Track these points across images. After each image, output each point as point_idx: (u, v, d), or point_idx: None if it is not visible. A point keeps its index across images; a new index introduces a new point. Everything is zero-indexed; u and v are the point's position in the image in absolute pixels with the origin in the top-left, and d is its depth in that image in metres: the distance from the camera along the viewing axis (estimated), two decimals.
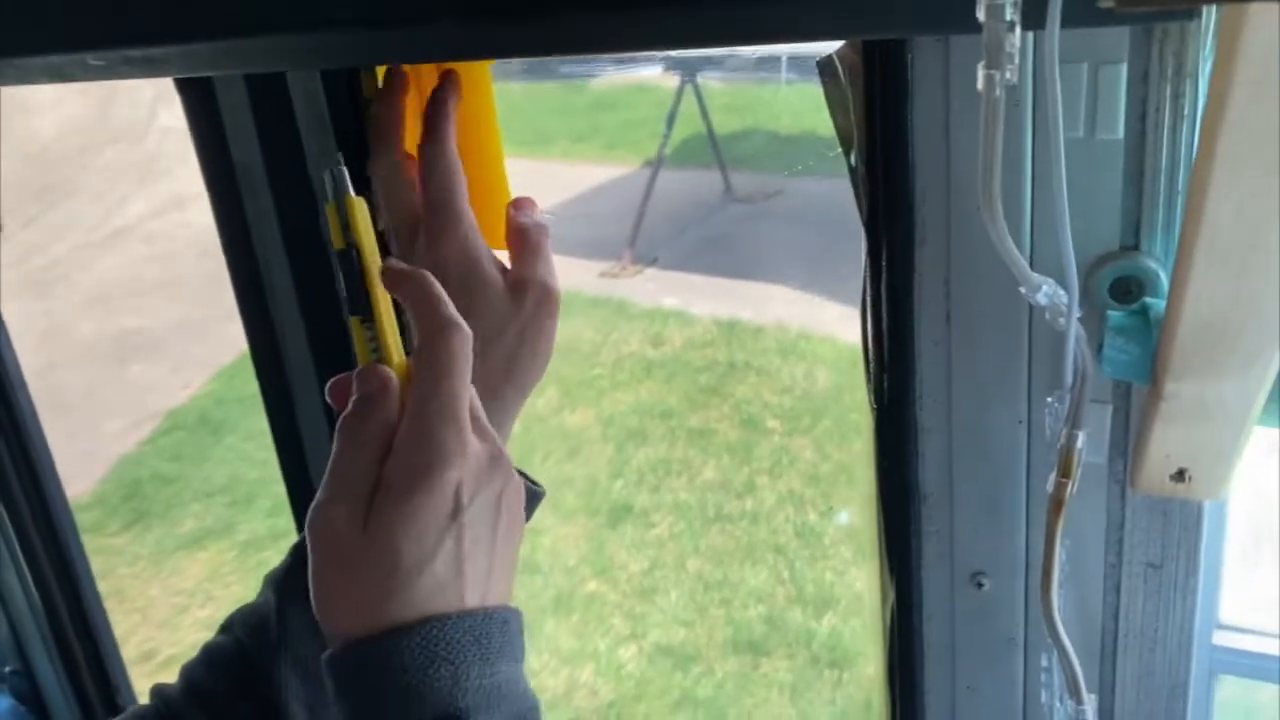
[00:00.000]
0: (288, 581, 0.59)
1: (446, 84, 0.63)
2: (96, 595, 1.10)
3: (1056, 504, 0.59)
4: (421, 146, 0.62)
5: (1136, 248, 0.56)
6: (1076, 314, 0.53)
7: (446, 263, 0.61)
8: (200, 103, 0.66)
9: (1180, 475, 0.55)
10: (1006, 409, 0.62)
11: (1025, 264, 0.51)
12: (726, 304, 4.25)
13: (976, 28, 0.39)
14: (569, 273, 4.61)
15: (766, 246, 4.70)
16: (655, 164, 4.77)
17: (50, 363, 4.36)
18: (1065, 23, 0.38)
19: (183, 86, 0.66)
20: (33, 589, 1.05)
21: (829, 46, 0.57)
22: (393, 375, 0.50)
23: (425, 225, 0.62)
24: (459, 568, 0.49)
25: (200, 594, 3.25)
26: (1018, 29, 0.39)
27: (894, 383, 0.63)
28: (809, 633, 2.68)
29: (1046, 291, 0.53)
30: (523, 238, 0.64)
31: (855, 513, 3.07)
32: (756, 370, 3.82)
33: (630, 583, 2.93)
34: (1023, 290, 0.52)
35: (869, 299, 0.62)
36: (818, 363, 3.77)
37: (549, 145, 5.91)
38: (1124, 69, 0.52)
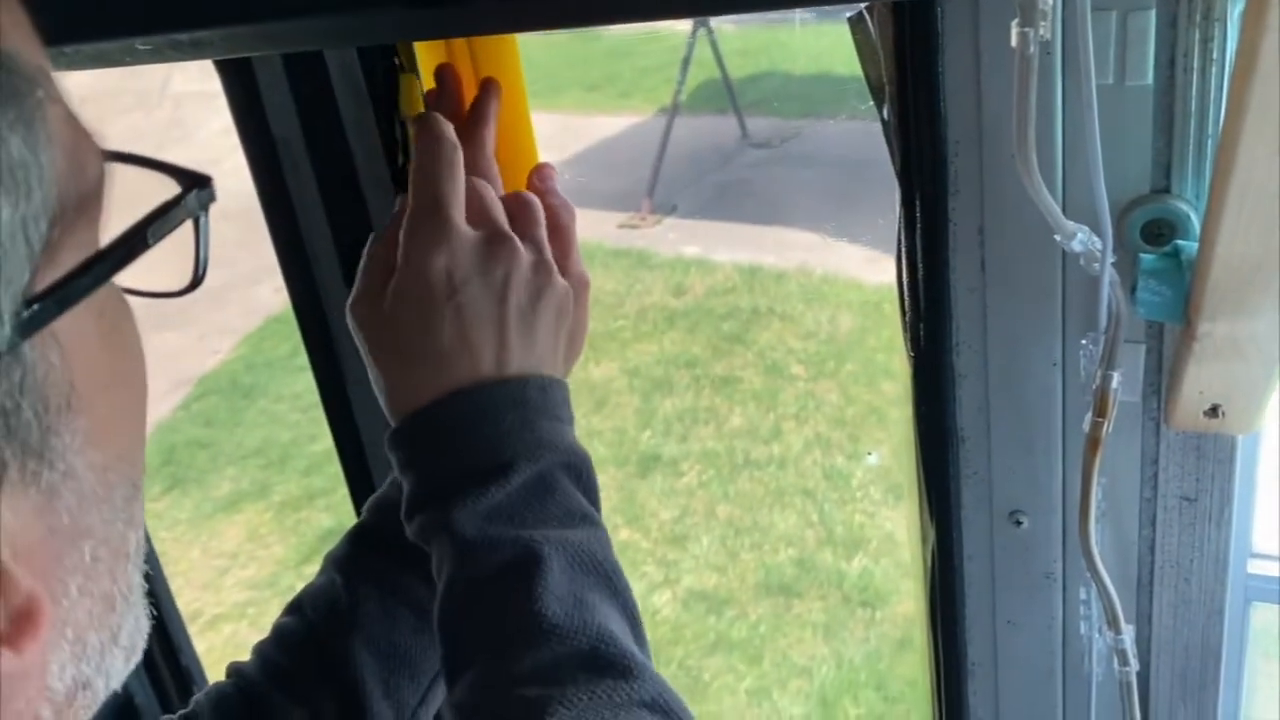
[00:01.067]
0: (354, 564, 0.62)
1: (487, 92, 0.65)
2: (152, 553, 1.13)
3: (1093, 443, 0.61)
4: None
5: (1167, 191, 0.57)
6: (1110, 259, 0.54)
7: None
8: (239, 80, 0.68)
9: (1214, 411, 0.56)
10: (1041, 352, 0.63)
11: (1059, 211, 0.52)
12: (748, 250, 4.23)
13: None
14: (589, 225, 4.55)
15: (786, 191, 4.67)
16: (670, 111, 4.73)
17: None
18: None
19: (222, 65, 0.68)
20: None
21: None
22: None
23: None
24: (464, 344, 0.55)
25: (241, 555, 3.31)
26: None
27: (930, 330, 0.64)
28: (840, 574, 2.72)
29: (1081, 238, 0.54)
30: (555, 226, 0.64)
31: (883, 455, 3.09)
32: (780, 316, 3.82)
33: (662, 530, 2.97)
34: (1057, 238, 0.53)
35: (903, 248, 0.63)
36: (841, 306, 3.76)
37: (562, 95, 5.87)
38: (1152, 15, 0.52)
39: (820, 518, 2.90)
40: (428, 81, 0.67)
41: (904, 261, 0.63)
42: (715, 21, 4.40)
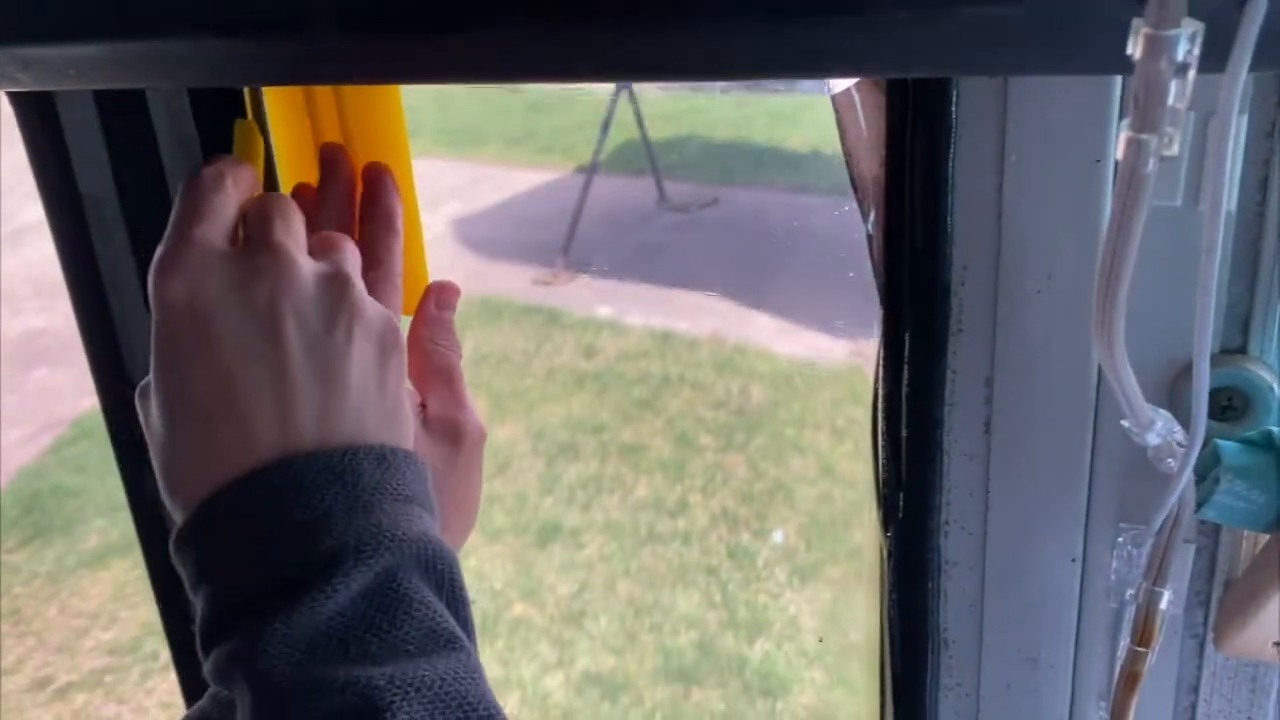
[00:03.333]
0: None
1: (380, 189, 0.51)
2: None
3: (1129, 678, 0.47)
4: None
5: (1243, 351, 0.46)
6: (1194, 459, 0.41)
7: None
8: (39, 118, 0.55)
9: None
10: (1057, 543, 0.51)
11: (1138, 393, 0.38)
12: (661, 314, 4.18)
13: (1109, 66, 0.27)
14: (502, 279, 4.50)
15: (702, 256, 4.65)
16: (590, 169, 4.69)
17: None
18: (1256, 64, 0.27)
19: (18, 101, 0.55)
20: None
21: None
22: None
23: None
24: (234, 398, 0.40)
25: (104, 615, 3.09)
26: (1192, 72, 0.27)
27: (912, 502, 0.52)
28: (741, 659, 2.62)
29: (1160, 429, 0.40)
30: (447, 368, 0.53)
31: (789, 533, 3.02)
32: (691, 384, 3.75)
33: (559, 606, 2.84)
34: (1126, 424, 0.41)
35: (881, 392, 0.51)
36: (753, 377, 3.71)
37: (482, 146, 5.81)
38: (1244, 121, 0.41)
39: (723, 598, 2.80)
40: (277, 132, 0.54)
41: (880, 408, 0.51)
42: (637, 85, 4.38)
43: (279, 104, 0.53)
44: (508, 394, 3.82)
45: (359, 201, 0.52)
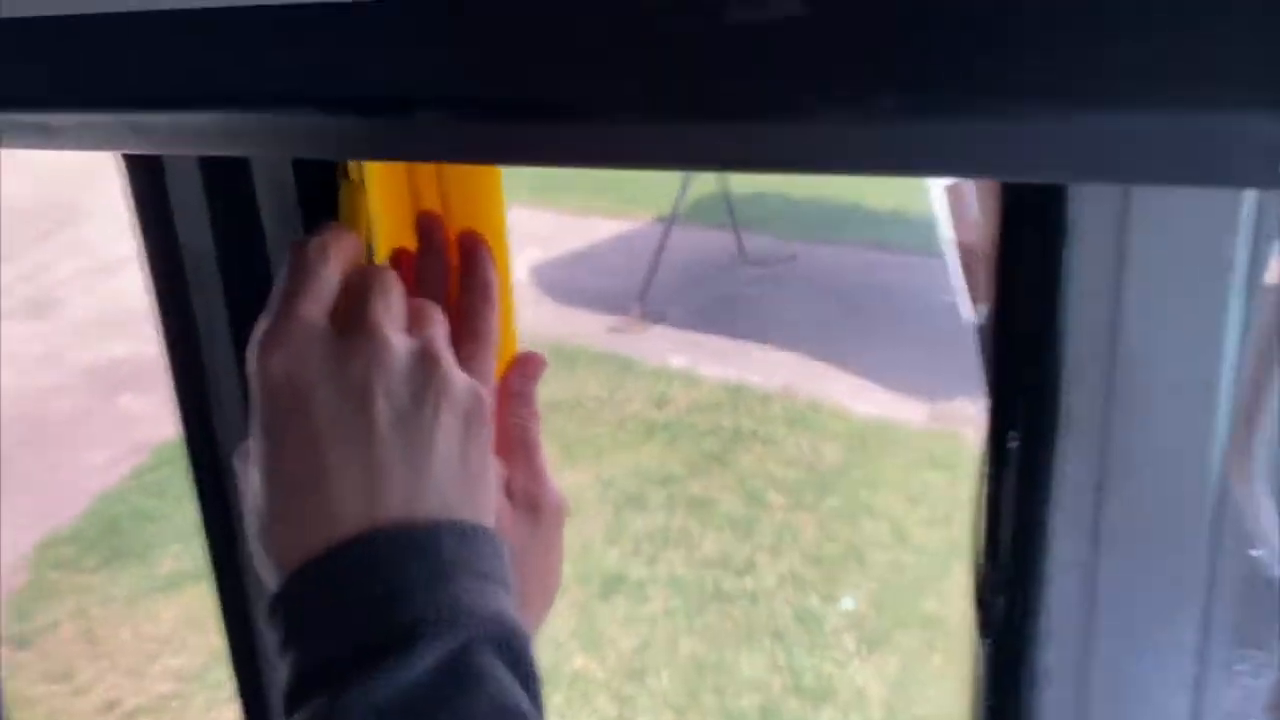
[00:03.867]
0: None
1: (477, 260, 0.52)
2: None
3: None
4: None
5: None
6: None
7: None
8: (143, 172, 0.56)
9: None
10: (1168, 666, 0.48)
11: (1278, 524, 0.37)
12: (734, 367, 4.16)
13: (1256, 181, 0.27)
14: (578, 325, 4.54)
15: (777, 311, 4.63)
16: (669, 220, 4.72)
17: (41, 388, 4.27)
18: None
19: (127, 157, 0.56)
20: None
21: None
22: None
23: None
24: (325, 473, 0.42)
25: (174, 640, 3.14)
26: None
27: (1013, 607, 0.49)
28: None
29: None
30: (528, 441, 0.53)
31: (860, 600, 2.95)
32: (762, 439, 3.71)
33: (620, 661, 2.80)
34: (1257, 554, 0.39)
35: (984, 491, 0.48)
36: (826, 436, 3.66)
37: (566, 194, 5.88)
38: None
39: (788, 662, 2.74)
40: (375, 194, 0.55)
41: (982, 509, 0.49)
42: None
43: (378, 166, 0.54)
44: (578, 440, 3.82)
45: (456, 268, 0.53)
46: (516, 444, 0.52)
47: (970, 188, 0.43)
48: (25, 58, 0.39)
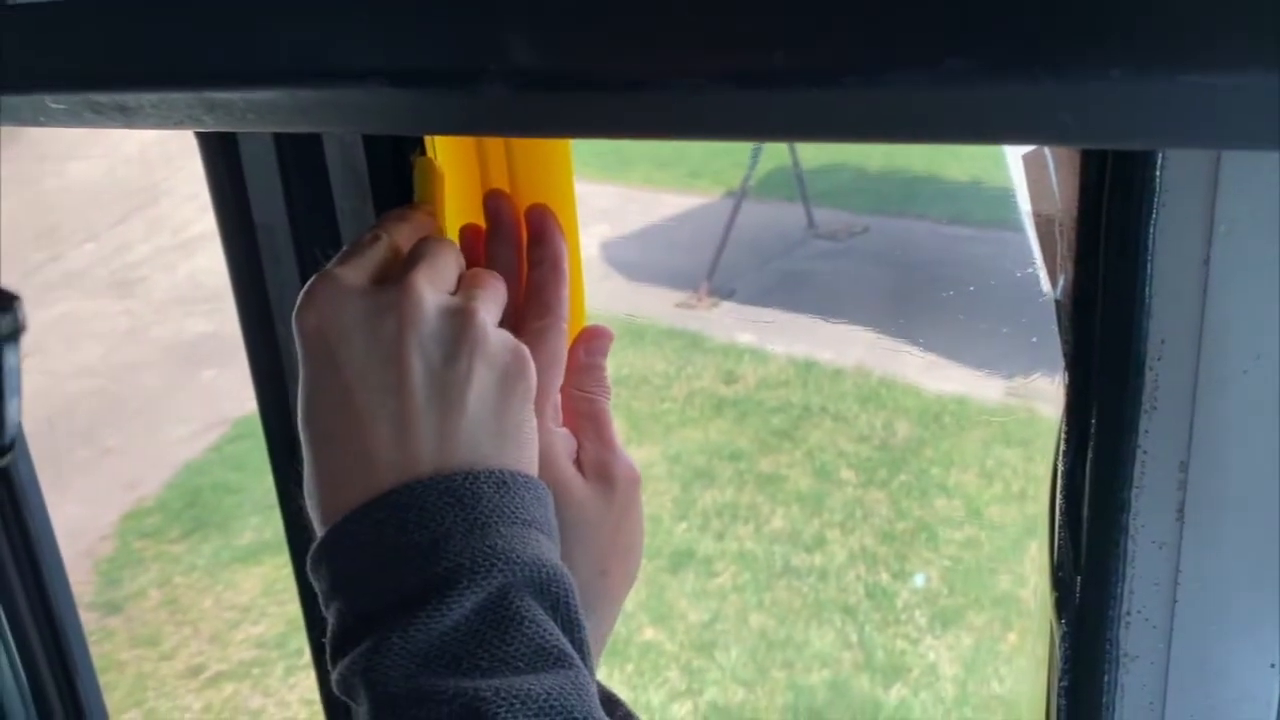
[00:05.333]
0: None
1: (546, 234, 0.52)
2: (93, 676, 1.01)
3: None
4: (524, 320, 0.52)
5: None
6: None
7: None
8: (219, 152, 0.57)
9: None
10: (1253, 647, 0.46)
11: None
12: (804, 343, 4.12)
13: None
14: (645, 301, 4.53)
15: (848, 286, 4.56)
16: (738, 195, 4.67)
17: (127, 364, 4.41)
18: None
19: (202, 135, 0.57)
20: (21, 672, 0.96)
21: None
22: None
23: None
24: (359, 424, 0.42)
25: (254, 610, 3.23)
26: None
27: (1091, 589, 0.48)
28: (876, 704, 2.53)
29: None
30: (595, 413, 0.53)
31: (932, 577, 2.91)
32: (833, 415, 3.68)
33: (689, 634, 2.81)
34: None
35: (1062, 468, 0.47)
36: (898, 412, 3.61)
37: (631, 169, 5.86)
38: None
39: (859, 639, 2.72)
40: (445, 168, 0.55)
41: (1061, 485, 0.47)
42: None
43: (448, 141, 0.54)
44: (646, 416, 3.82)
45: (525, 243, 0.53)
46: (585, 416, 0.53)
47: (1050, 156, 0.41)
48: (104, 38, 0.39)
